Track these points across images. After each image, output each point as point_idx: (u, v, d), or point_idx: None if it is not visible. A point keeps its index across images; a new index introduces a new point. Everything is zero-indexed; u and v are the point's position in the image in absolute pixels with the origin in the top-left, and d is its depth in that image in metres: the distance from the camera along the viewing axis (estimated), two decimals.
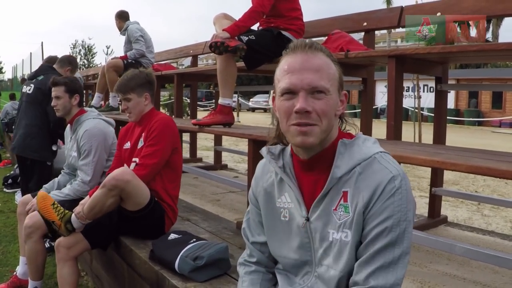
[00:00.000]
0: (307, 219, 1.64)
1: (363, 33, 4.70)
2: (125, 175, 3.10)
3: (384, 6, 39.61)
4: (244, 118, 20.58)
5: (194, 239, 2.99)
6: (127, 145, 3.61)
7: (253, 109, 36.90)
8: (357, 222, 1.52)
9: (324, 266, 1.62)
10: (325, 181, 1.59)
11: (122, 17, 7.53)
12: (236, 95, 19.05)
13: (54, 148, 5.29)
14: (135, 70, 3.58)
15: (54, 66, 5.59)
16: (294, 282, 1.73)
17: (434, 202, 4.37)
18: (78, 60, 51.05)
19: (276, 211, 1.75)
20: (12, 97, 15.92)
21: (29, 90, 5.32)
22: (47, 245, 3.73)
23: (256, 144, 3.59)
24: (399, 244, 1.48)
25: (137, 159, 3.44)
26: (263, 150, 1.76)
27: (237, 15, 4.19)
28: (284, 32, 4.19)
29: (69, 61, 5.73)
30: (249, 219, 1.89)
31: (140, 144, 3.48)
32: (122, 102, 3.48)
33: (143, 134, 3.48)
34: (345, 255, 1.55)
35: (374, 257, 1.49)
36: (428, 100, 22.67)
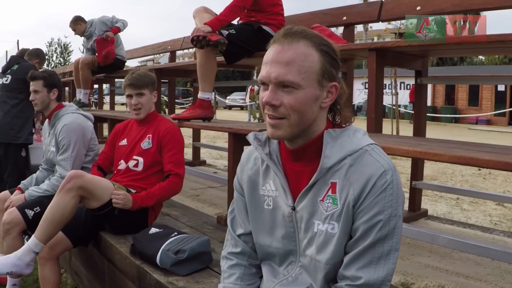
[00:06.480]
0: (293, 209, 1.61)
1: (342, 28, 4.71)
2: (78, 172, 3.10)
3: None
4: (221, 116, 20.41)
5: (176, 233, 2.95)
6: (124, 142, 3.59)
7: (230, 107, 36.80)
8: (346, 215, 1.51)
9: (308, 257, 1.60)
10: (311, 172, 1.57)
11: (83, 19, 7.44)
12: (213, 92, 18.95)
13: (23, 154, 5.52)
14: (141, 70, 3.66)
15: (25, 58, 5.79)
16: (278, 273, 1.70)
17: (415, 195, 4.37)
18: (54, 58, 51.27)
19: (259, 199, 1.72)
20: None
21: (5, 80, 5.47)
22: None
23: (236, 138, 3.58)
24: (389, 240, 1.48)
25: (140, 158, 3.45)
26: (250, 136, 1.73)
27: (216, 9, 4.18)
28: (264, 27, 4.16)
29: (37, 54, 5.98)
30: (234, 209, 1.84)
31: (147, 145, 3.46)
32: (133, 97, 3.43)
33: (149, 135, 3.48)
34: (331, 247, 1.53)
35: (364, 252, 1.48)
36: (405, 97, 22.82)
